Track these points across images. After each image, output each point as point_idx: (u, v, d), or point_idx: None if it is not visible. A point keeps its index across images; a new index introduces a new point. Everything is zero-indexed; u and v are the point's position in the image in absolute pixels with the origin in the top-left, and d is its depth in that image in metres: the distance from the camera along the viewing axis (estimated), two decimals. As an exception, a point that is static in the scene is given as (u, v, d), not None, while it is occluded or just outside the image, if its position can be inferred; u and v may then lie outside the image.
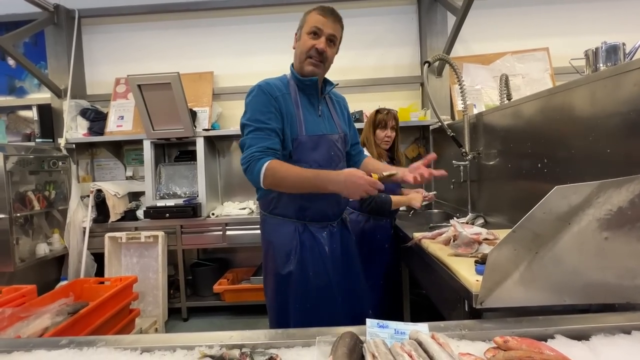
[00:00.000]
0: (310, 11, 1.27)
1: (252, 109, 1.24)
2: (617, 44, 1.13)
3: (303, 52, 1.26)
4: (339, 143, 1.36)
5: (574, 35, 2.91)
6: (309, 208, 1.28)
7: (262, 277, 1.41)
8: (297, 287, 1.27)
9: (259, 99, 1.24)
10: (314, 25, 1.23)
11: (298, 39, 1.30)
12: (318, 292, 1.27)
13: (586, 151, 1.07)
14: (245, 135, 1.23)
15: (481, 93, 2.90)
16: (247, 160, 1.18)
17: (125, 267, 2.76)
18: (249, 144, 1.20)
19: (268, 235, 1.33)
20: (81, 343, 0.85)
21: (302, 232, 1.29)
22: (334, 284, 1.30)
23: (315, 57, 1.25)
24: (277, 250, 1.29)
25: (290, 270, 1.26)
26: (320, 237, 1.30)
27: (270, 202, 1.31)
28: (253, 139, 1.20)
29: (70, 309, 1.91)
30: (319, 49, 1.24)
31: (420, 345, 0.71)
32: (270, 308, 1.36)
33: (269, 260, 1.34)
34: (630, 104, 0.89)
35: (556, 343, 0.75)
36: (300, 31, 1.29)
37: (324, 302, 1.27)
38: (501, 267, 0.85)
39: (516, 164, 1.51)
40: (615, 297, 0.87)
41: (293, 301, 1.27)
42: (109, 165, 3.23)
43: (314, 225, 1.31)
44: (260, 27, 3.18)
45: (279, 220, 1.31)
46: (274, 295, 1.31)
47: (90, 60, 3.25)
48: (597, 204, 0.84)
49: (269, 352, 0.74)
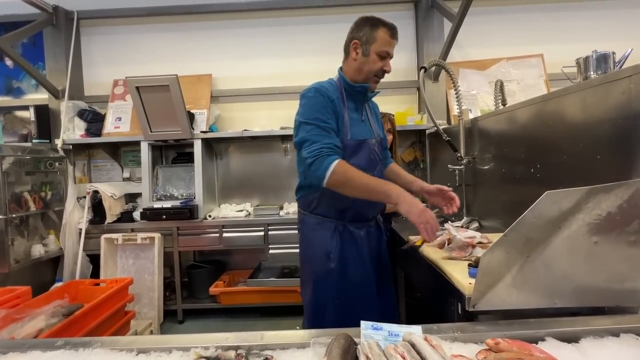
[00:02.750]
0: (379, 27, 1.28)
1: (312, 108, 1.25)
2: (607, 53, 1.16)
3: (371, 72, 1.30)
4: (377, 147, 1.41)
5: (568, 43, 2.96)
6: (350, 209, 1.32)
7: (300, 275, 1.45)
8: (338, 285, 1.31)
9: (317, 100, 1.27)
10: (385, 49, 1.28)
11: (364, 54, 1.29)
12: (358, 289, 1.33)
13: (577, 157, 1.09)
14: (306, 132, 1.23)
15: (477, 98, 2.93)
16: (315, 155, 1.17)
17: (121, 268, 2.75)
18: (312, 140, 1.20)
19: (307, 234, 1.37)
20: (77, 344, 0.85)
21: (342, 232, 1.33)
22: (372, 281, 1.36)
23: (381, 77, 1.34)
24: (318, 249, 1.33)
25: (331, 268, 1.31)
26: (359, 237, 1.35)
27: (311, 202, 1.35)
28: (317, 135, 1.21)
29: (65, 310, 1.90)
30: (387, 71, 1.32)
31: (414, 347, 0.72)
32: (308, 305, 1.38)
33: (308, 259, 1.38)
34: (618, 112, 0.92)
35: (546, 345, 0.77)
36: (367, 47, 1.29)
37: (363, 300, 1.33)
38: (493, 271, 0.87)
39: (510, 168, 1.53)
40: (605, 301, 0.89)
41: (333, 298, 1.31)
42: (106, 166, 3.22)
43: (353, 225, 1.35)
44: (259, 30, 3.21)
45: (319, 219, 1.35)
46: (312, 293, 1.34)
47: (88, 62, 3.26)
48: (587, 209, 0.86)
49: (264, 354, 0.75)
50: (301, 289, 1.44)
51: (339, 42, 3.69)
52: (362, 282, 1.34)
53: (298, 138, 1.26)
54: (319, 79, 3.67)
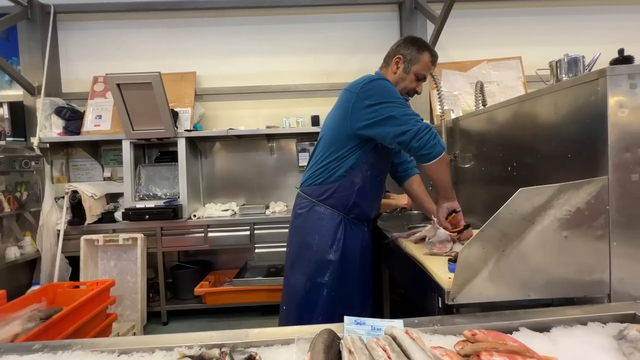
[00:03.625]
0: (425, 51, 1.36)
1: (392, 89, 1.29)
2: (577, 57, 1.22)
3: (405, 89, 1.38)
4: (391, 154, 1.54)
5: (545, 45, 3.07)
6: (359, 206, 1.40)
7: (290, 263, 1.46)
8: (336, 275, 1.36)
9: (392, 84, 1.32)
10: (424, 73, 1.37)
11: (405, 71, 1.37)
12: (354, 281, 1.40)
13: (550, 156, 1.14)
14: (402, 107, 1.24)
15: (459, 99, 3.00)
16: (431, 131, 1.21)
17: (102, 270, 2.68)
18: (414, 116, 1.24)
19: (313, 222, 1.40)
20: (55, 347, 0.83)
21: (345, 226, 1.40)
22: (366, 276, 1.44)
23: (411, 96, 1.42)
24: (322, 238, 1.38)
25: (331, 258, 1.36)
26: (360, 232, 1.44)
27: (325, 192, 1.39)
28: (414, 114, 1.25)
29: (42, 314, 1.84)
30: (418, 92, 1.41)
31: (395, 340, 0.75)
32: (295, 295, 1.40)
33: (307, 247, 1.40)
34: (586, 113, 0.97)
35: (520, 335, 0.81)
36: (409, 65, 1.36)
37: (357, 292, 1.39)
38: (471, 265, 0.90)
39: (489, 167, 1.58)
40: (575, 292, 0.94)
41: (329, 290, 1.35)
42: (86, 165, 3.13)
43: (355, 221, 1.43)
44: (244, 28, 3.18)
45: (328, 209, 1.39)
46: (306, 282, 1.37)
47: (66, 57, 3.15)
48: (558, 205, 0.90)
49: (249, 351, 0.76)
50: (289, 280, 1.44)
51: (325, 41, 3.72)
52: (357, 276, 1.40)
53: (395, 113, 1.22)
54: (305, 78, 3.66)
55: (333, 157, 1.36)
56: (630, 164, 0.90)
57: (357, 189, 1.36)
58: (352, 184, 1.36)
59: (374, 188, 1.43)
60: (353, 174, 1.35)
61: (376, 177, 1.40)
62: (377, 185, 1.45)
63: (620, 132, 0.91)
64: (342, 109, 1.34)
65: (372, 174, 1.38)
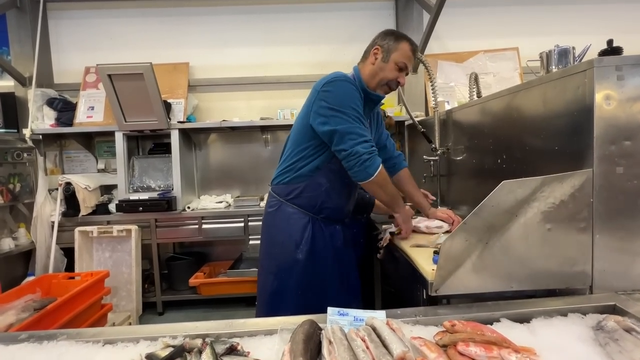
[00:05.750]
0: (404, 40, 1.32)
1: (347, 97, 1.24)
2: (567, 48, 1.20)
3: (386, 79, 1.32)
4: None
5: (542, 36, 3.03)
6: (328, 208, 1.37)
7: (260, 260, 1.46)
8: (302, 276, 1.34)
9: (351, 89, 1.26)
10: (404, 61, 1.30)
11: (383, 61, 1.31)
12: (320, 283, 1.36)
13: (538, 148, 1.14)
14: (348, 123, 1.21)
15: (454, 90, 2.98)
16: (370, 154, 1.21)
17: (97, 261, 2.69)
18: (358, 133, 1.21)
19: (279, 221, 1.38)
20: (41, 337, 0.84)
21: (314, 225, 1.36)
22: (335, 277, 1.40)
23: (393, 88, 1.36)
24: (289, 238, 1.35)
25: (298, 258, 1.33)
26: (329, 232, 1.39)
27: (292, 191, 1.36)
28: (360, 129, 1.22)
29: (37, 305, 1.86)
30: (402, 83, 1.34)
31: (375, 331, 0.75)
32: (267, 293, 1.40)
33: (275, 246, 1.39)
34: (574, 104, 0.96)
35: (500, 326, 0.82)
36: (388, 55, 1.31)
37: (323, 292, 1.35)
38: (454, 257, 0.91)
39: (480, 159, 1.58)
40: (557, 283, 0.95)
41: (294, 289, 1.34)
42: (79, 157, 3.11)
43: (325, 221, 1.39)
44: (238, 18, 3.13)
45: (295, 209, 1.36)
46: (274, 281, 1.37)
47: (57, 48, 3.10)
48: (542, 198, 0.91)
49: (230, 341, 0.77)
50: (260, 277, 1.45)
51: (320, 31, 3.68)
52: (325, 276, 1.36)
53: (339, 128, 1.21)
54: (300, 68, 3.63)
55: (300, 155, 1.34)
56: (615, 157, 0.90)
57: (325, 190, 1.33)
58: (320, 185, 1.33)
59: (343, 189, 1.39)
60: (319, 175, 1.32)
61: (343, 179, 1.33)
62: (348, 186, 1.39)
63: (606, 125, 0.90)
64: (307, 105, 1.32)
65: (340, 175, 1.32)
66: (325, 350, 0.71)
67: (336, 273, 1.40)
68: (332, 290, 1.37)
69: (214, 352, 0.71)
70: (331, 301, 1.34)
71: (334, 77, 1.28)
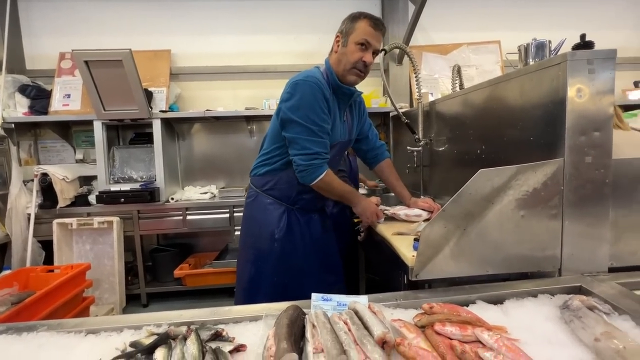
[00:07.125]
0: (360, 19, 1.28)
1: (307, 107, 1.25)
2: (544, 41, 1.24)
3: (350, 62, 1.29)
4: (345, 146, 1.51)
5: (524, 30, 3.09)
6: (302, 199, 1.40)
7: (239, 249, 1.49)
8: (277, 264, 1.37)
9: (314, 97, 1.25)
10: (364, 38, 1.27)
11: (343, 45, 1.30)
12: (296, 271, 1.39)
13: (515, 138, 1.18)
14: (297, 133, 1.26)
15: (438, 82, 3.02)
16: (307, 166, 1.27)
17: (78, 254, 2.63)
18: (303, 145, 1.26)
19: (256, 211, 1.41)
20: (20, 329, 0.83)
21: (289, 215, 1.39)
22: (312, 266, 1.42)
23: (361, 69, 1.31)
24: (264, 228, 1.38)
25: (274, 247, 1.37)
26: (304, 221, 1.42)
27: (267, 183, 1.39)
28: (307, 140, 1.26)
29: (14, 298, 1.81)
30: (367, 62, 1.29)
31: (357, 314, 0.78)
32: (245, 281, 1.43)
33: (251, 236, 1.42)
34: (549, 97, 1.00)
35: (476, 307, 0.86)
36: (346, 38, 1.29)
37: (299, 280, 1.38)
38: (433, 243, 0.94)
39: (461, 150, 1.62)
40: (529, 267, 1.00)
41: (270, 275, 1.37)
42: (56, 147, 3.00)
43: (300, 211, 1.42)
44: (223, 4, 3.05)
45: (270, 200, 1.40)
46: (251, 270, 1.40)
47: (29, 32, 2.95)
48: (517, 186, 0.95)
49: (216, 327, 0.78)
50: (239, 265, 1.48)
51: (305, 20, 3.63)
52: (302, 265, 1.40)
53: (288, 135, 1.28)
54: (285, 58, 3.57)
55: (274, 149, 1.37)
56: (585, 147, 0.95)
57: (298, 184, 1.35)
58: (292, 179, 1.35)
59: None
60: (291, 170, 1.34)
61: None
62: None
63: (577, 116, 0.94)
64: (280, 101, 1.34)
65: None
66: (309, 333, 0.73)
67: (315, 258, 1.43)
68: (312, 273, 1.41)
69: (199, 338, 0.72)
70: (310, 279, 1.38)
71: (298, 79, 1.28)
